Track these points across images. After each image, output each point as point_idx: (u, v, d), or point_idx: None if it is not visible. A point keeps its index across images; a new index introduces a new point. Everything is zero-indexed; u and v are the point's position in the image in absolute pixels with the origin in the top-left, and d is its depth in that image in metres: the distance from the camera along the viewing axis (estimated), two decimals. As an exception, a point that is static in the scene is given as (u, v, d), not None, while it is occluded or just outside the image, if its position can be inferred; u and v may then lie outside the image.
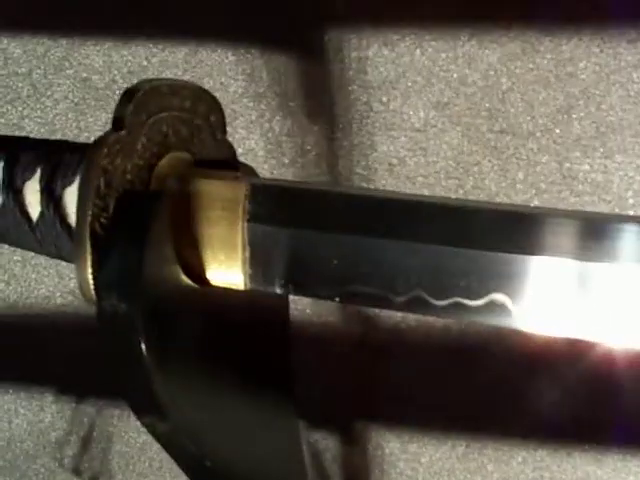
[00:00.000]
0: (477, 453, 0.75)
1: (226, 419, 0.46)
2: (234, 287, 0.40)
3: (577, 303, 0.34)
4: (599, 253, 0.33)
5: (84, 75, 0.87)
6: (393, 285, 0.37)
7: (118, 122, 0.38)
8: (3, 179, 0.41)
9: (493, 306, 0.35)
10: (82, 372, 0.92)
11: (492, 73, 0.67)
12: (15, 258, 0.95)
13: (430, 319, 0.72)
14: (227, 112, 0.81)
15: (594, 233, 0.34)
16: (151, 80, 0.40)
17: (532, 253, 0.34)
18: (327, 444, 0.80)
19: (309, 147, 0.75)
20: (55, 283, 0.94)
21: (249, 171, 0.45)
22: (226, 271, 0.39)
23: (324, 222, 0.38)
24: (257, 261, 0.39)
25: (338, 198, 0.39)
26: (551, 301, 0.35)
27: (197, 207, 0.39)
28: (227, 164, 0.44)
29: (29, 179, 0.41)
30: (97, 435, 0.95)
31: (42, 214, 0.40)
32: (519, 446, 0.74)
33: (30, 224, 0.41)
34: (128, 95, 0.38)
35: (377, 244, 0.37)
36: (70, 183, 0.40)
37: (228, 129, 0.83)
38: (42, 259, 0.91)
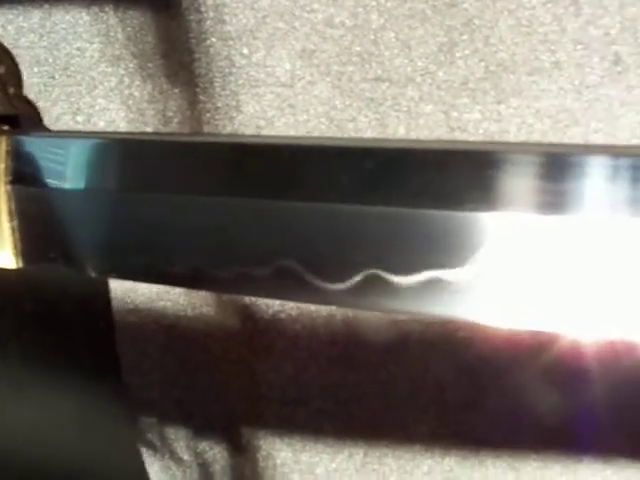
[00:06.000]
0: (377, 463, 0.64)
1: (35, 422, 0.40)
2: (4, 267, 0.34)
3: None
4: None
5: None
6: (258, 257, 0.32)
7: None
8: None
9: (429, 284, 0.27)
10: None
11: (361, 10, 0.57)
12: None
13: (312, 306, 0.62)
14: (85, 80, 0.71)
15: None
16: None
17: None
18: (214, 455, 0.70)
19: (171, 113, 0.66)
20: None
21: (31, 123, 0.39)
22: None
23: (115, 177, 0.33)
24: (28, 233, 0.33)
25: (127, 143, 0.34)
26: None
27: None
28: (16, 121, 0.37)
29: None
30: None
31: None
32: (424, 454, 0.62)
33: None
34: None
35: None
36: None
37: (87, 98, 0.72)
38: None
